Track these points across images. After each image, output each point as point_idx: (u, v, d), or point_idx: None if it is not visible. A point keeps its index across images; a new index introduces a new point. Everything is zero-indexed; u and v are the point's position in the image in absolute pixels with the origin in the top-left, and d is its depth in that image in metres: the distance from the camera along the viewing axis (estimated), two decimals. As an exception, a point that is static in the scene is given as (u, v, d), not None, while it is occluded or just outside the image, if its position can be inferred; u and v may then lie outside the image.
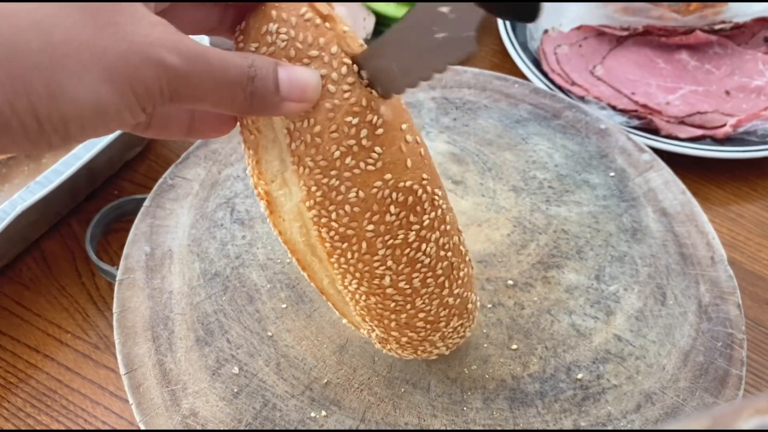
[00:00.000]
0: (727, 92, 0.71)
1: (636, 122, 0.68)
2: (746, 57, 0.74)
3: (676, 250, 0.51)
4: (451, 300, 0.38)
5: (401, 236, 0.34)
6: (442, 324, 0.38)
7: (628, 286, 0.49)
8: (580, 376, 0.44)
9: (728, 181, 0.66)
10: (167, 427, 0.40)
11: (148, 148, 0.65)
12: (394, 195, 0.33)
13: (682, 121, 0.68)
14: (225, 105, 0.28)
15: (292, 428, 0.41)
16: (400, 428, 0.41)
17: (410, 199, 0.34)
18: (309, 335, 0.45)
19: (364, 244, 0.34)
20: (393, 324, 0.37)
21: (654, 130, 0.67)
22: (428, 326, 0.38)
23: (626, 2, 0.76)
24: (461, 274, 0.38)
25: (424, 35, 0.29)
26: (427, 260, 0.35)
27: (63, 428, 0.48)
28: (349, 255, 0.34)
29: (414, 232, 0.34)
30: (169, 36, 0.25)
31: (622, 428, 0.41)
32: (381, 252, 0.34)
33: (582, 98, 0.70)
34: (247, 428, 0.41)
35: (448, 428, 0.41)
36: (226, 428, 0.41)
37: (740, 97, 0.70)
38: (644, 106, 0.68)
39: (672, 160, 0.60)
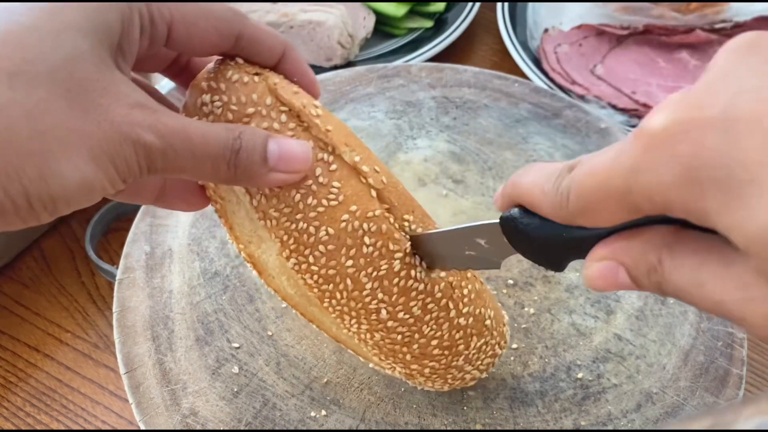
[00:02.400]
0: (728, 91, 0.71)
1: (636, 121, 0.68)
2: (747, 56, 0.74)
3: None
4: (462, 320, 0.36)
5: (385, 266, 0.33)
6: (461, 347, 0.37)
7: (628, 286, 0.49)
8: (580, 375, 0.44)
9: (729, 181, 0.66)
10: (167, 426, 0.40)
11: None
12: (365, 226, 0.33)
13: (682, 121, 0.67)
14: (207, 176, 0.30)
15: (292, 428, 0.41)
16: (400, 428, 0.41)
17: (384, 226, 0.33)
18: (309, 334, 0.45)
19: (348, 282, 0.33)
20: (408, 357, 0.36)
21: (654, 130, 0.67)
22: (446, 352, 0.37)
23: (626, 1, 0.76)
24: (464, 291, 0.36)
25: (457, 248, 0.33)
26: (421, 285, 0.34)
27: (63, 428, 0.48)
28: (338, 296, 0.34)
29: (398, 261, 0.33)
30: (147, 116, 0.27)
31: (623, 428, 0.41)
32: (368, 286, 0.33)
33: (582, 97, 0.70)
34: (247, 428, 0.41)
35: (448, 428, 0.41)
36: (226, 428, 0.41)
37: (741, 96, 0.70)
38: (645, 105, 0.68)
39: (672, 159, 0.60)
